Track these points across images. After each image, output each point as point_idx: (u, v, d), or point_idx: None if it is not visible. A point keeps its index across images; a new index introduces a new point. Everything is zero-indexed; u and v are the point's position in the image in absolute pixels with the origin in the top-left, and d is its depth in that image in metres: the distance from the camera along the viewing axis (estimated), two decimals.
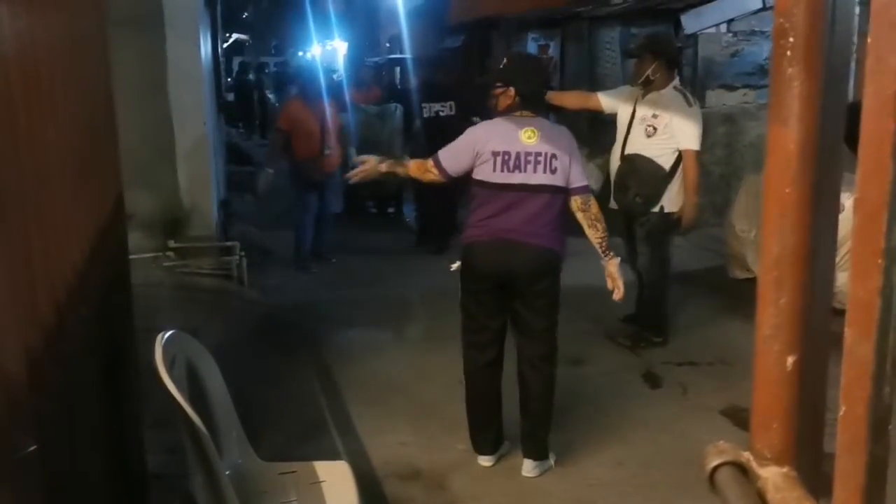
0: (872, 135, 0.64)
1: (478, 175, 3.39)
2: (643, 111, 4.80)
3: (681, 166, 4.74)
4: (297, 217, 6.98)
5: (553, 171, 3.32)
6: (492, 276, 3.40)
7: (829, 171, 0.79)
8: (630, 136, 4.85)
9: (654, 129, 4.73)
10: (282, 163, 6.91)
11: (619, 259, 3.42)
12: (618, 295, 3.38)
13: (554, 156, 3.32)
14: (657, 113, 4.74)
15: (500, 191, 3.35)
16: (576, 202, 3.38)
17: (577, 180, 3.37)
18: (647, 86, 4.81)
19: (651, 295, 5.04)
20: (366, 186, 8.50)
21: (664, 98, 4.76)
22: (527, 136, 3.33)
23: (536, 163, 3.31)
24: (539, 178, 3.32)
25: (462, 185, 3.69)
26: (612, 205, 5.06)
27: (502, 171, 3.33)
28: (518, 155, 3.32)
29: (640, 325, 5.11)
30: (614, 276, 3.37)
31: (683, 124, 4.70)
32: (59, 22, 1.80)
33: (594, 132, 8.05)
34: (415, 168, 3.57)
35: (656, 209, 4.81)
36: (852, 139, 0.72)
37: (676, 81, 4.88)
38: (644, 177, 4.78)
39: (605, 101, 5.03)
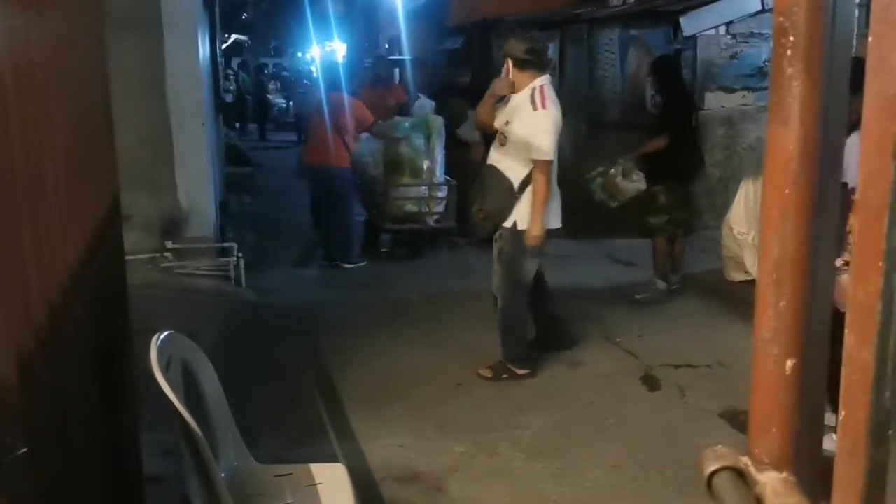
0: (874, 136, 0.63)
1: None
2: (500, 118, 4.40)
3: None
4: (346, 220, 7.18)
5: None
6: None
7: (829, 172, 0.78)
8: (491, 146, 4.51)
9: (506, 137, 4.32)
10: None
11: None
12: None
13: None
14: (509, 119, 4.32)
15: None
16: None
17: None
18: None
19: (504, 321, 4.51)
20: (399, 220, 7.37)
21: (515, 102, 4.33)
22: None
23: None
24: None
25: None
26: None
27: None
28: None
29: (503, 356, 4.53)
30: None
31: (530, 131, 4.22)
32: (53, 21, 1.79)
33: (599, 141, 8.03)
34: None
35: (508, 224, 4.33)
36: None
37: (539, 81, 4.29)
38: (489, 190, 4.38)
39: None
